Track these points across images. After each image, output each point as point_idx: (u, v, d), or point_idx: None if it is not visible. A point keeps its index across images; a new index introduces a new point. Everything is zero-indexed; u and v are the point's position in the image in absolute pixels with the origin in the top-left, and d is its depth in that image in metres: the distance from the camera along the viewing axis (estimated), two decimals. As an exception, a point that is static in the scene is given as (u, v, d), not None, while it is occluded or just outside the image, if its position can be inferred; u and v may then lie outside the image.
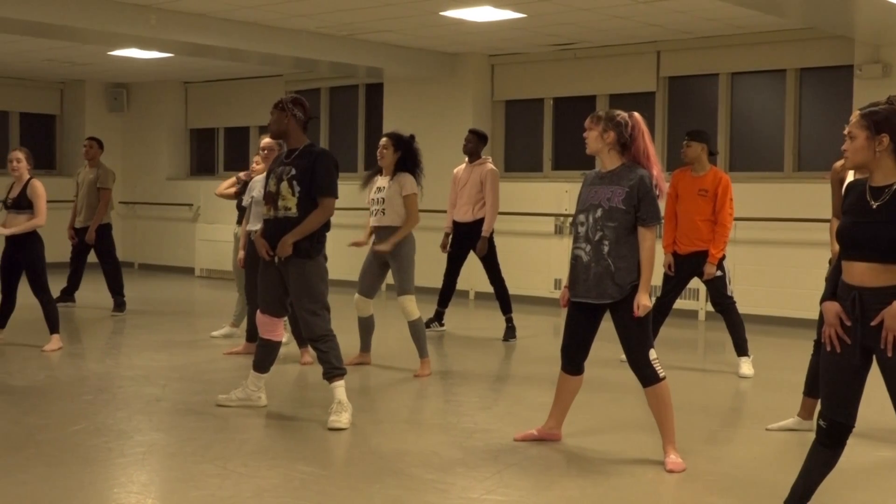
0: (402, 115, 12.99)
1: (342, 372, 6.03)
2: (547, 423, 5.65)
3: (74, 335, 9.55)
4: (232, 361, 7.98)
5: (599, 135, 5.24)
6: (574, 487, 4.85)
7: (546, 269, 12.24)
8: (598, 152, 5.28)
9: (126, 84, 16.66)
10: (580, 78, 12.39)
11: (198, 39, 10.75)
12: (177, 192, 16.29)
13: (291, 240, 5.90)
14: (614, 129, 5.21)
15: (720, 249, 7.61)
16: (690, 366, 8.33)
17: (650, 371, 5.18)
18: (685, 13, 10.01)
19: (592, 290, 5.19)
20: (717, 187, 7.62)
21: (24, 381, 7.17)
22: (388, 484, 4.82)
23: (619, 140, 5.22)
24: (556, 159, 12.84)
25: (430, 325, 9.46)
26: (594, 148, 5.27)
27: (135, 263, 16.35)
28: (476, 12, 10.09)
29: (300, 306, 6.00)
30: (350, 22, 10.68)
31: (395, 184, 7.59)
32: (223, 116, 16.16)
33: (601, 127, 5.23)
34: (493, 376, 8.13)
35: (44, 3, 9.44)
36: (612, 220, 5.14)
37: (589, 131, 5.27)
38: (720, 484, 4.99)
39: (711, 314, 9.90)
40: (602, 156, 5.28)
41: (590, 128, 5.27)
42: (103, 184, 10.89)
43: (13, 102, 16.28)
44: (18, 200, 8.40)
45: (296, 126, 6.11)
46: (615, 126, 5.22)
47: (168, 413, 6.27)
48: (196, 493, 4.64)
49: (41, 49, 12.94)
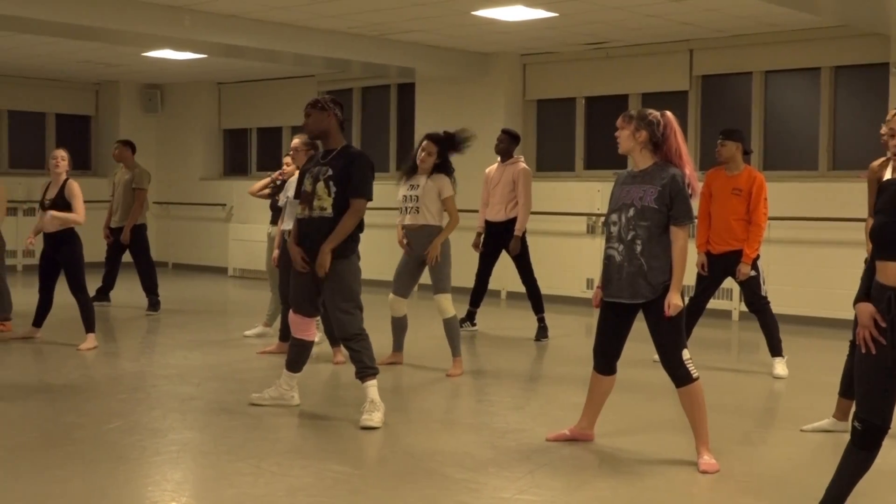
0: (434, 114, 13.00)
1: (375, 371, 6.04)
2: (579, 424, 5.64)
3: (109, 334, 9.63)
4: (265, 361, 8.02)
5: (631, 134, 5.22)
6: (606, 488, 4.84)
7: (578, 268, 12.21)
8: (630, 151, 5.26)
9: (160, 85, 16.79)
10: (612, 77, 12.34)
11: (231, 40, 10.82)
12: (210, 192, 16.39)
13: (329, 248, 5.90)
14: (646, 127, 5.19)
15: (754, 249, 7.56)
16: (724, 366, 8.28)
17: (683, 371, 5.15)
18: (718, 11, 9.95)
19: (625, 290, 5.18)
20: (751, 186, 7.57)
21: (61, 380, 7.25)
22: (421, 483, 4.83)
23: (652, 139, 5.20)
24: (588, 159, 12.80)
25: (462, 324, 9.44)
26: (626, 147, 5.25)
27: (169, 263, 16.47)
28: (508, 11, 10.08)
29: (334, 306, 6.01)
30: (382, 22, 10.71)
31: (431, 184, 7.59)
32: (256, 117, 16.25)
33: (633, 126, 5.21)
34: (526, 376, 8.12)
35: (79, 6, 9.52)
36: (645, 220, 5.12)
37: (621, 130, 5.25)
38: (754, 485, 4.95)
39: (745, 314, 9.84)
40: (634, 155, 5.26)
41: (622, 127, 5.25)
42: (138, 184, 10.98)
43: (50, 103, 16.45)
44: (56, 201, 8.50)
45: (335, 126, 6.13)
46: (647, 125, 5.19)
47: (202, 412, 6.31)
48: (229, 491, 4.67)
49: (77, 51, 13.08)
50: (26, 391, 6.84)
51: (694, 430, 5.21)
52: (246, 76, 15.75)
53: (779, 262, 10.54)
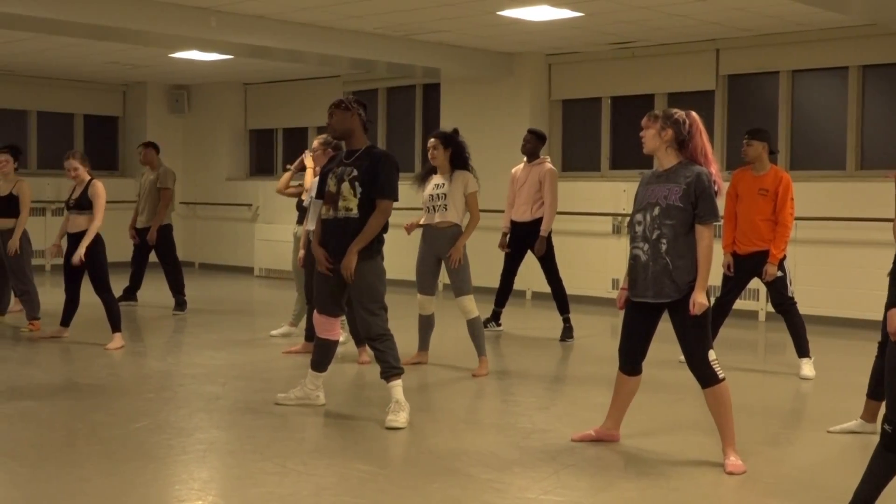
0: (460, 115, 12.99)
1: (400, 371, 6.05)
2: (605, 424, 5.63)
3: (136, 334, 9.69)
4: (290, 360, 8.05)
5: (657, 133, 5.20)
6: (632, 489, 4.83)
7: (603, 268, 12.18)
8: (655, 150, 5.24)
9: (187, 86, 16.88)
10: (638, 77, 12.30)
11: (257, 41, 10.86)
12: (236, 192, 16.46)
13: (356, 249, 5.91)
14: (672, 126, 5.18)
15: (781, 249, 7.52)
16: (751, 367, 8.23)
17: (709, 372, 5.13)
18: (745, 10, 9.90)
19: (650, 290, 5.16)
20: (777, 186, 7.53)
21: (89, 379, 7.30)
22: (446, 483, 4.83)
23: (677, 138, 5.19)
24: (614, 159, 12.77)
25: (488, 324, 9.46)
26: (652, 146, 5.23)
27: (195, 263, 16.55)
28: (533, 11, 10.06)
29: (359, 305, 6.02)
30: (407, 22, 10.72)
31: (457, 181, 7.61)
32: (282, 117, 16.31)
33: (659, 125, 5.20)
34: (551, 376, 8.11)
35: (107, 7, 9.59)
36: (670, 218, 5.10)
37: (646, 130, 5.23)
38: (781, 487, 4.92)
39: (772, 315, 9.78)
40: (659, 154, 5.24)
41: (647, 126, 5.23)
42: (163, 184, 11.04)
43: (77, 104, 16.58)
44: (80, 201, 8.58)
45: (360, 126, 6.14)
46: (673, 124, 5.18)
47: (228, 411, 6.34)
48: (255, 490, 4.68)
49: (104, 52, 13.17)
50: (54, 390, 6.89)
51: (720, 431, 5.19)
52: (272, 77, 15.81)
53: (806, 262, 10.48)
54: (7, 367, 7.63)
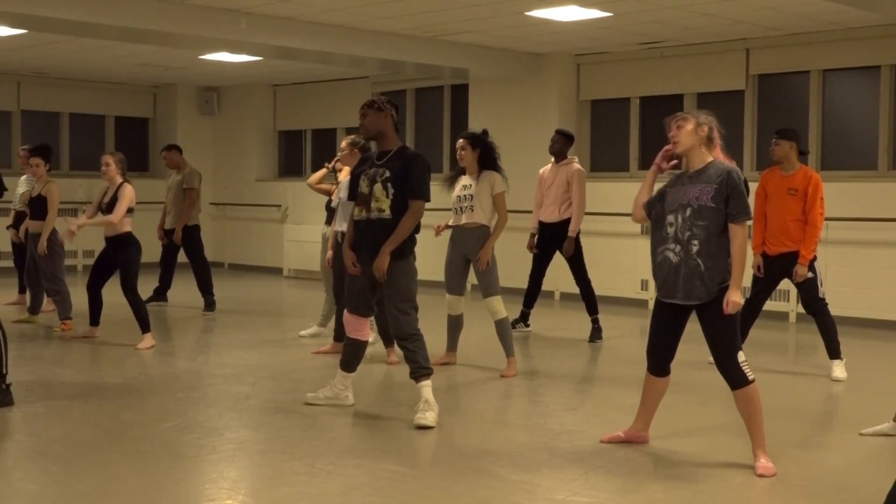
0: (488, 115, 12.99)
1: (429, 371, 6.06)
2: (634, 425, 5.61)
3: (166, 334, 9.76)
4: (320, 360, 8.08)
5: (693, 129, 5.15)
6: (661, 491, 4.81)
7: (632, 269, 12.14)
8: (689, 149, 5.18)
9: (217, 87, 16.98)
10: (667, 77, 12.25)
11: (286, 42, 10.91)
12: (265, 193, 16.53)
13: (388, 250, 5.93)
14: (706, 124, 5.16)
15: (811, 250, 7.46)
16: (781, 369, 8.18)
17: (738, 373, 5.10)
18: (775, 9, 9.84)
19: (680, 291, 5.14)
20: (807, 186, 7.47)
21: (119, 379, 7.36)
22: (474, 484, 4.83)
23: (709, 136, 5.16)
24: (643, 159, 12.72)
25: (516, 325, 9.45)
26: (687, 143, 5.17)
27: (224, 264, 16.63)
28: (562, 12, 10.04)
29: (391, 305, 6.04)
30: (435, 23, 10.73)
31: (483, 182, 7.62)
32: (311, 118, 16.36)
33: (694, 122, 5.16)
34: (579, 377, 8.09)
35: (138, 10, 9.66)
36: (702, 219, 5.08)
37: (680, 128, 5.17)
38: (812, 490, 4.89)
39: (803, 316, 9.71)
40: (692, 154, 5.20)
41: (681, 125, 5.17)
42: (189, 184, 11.11)
43: (109, 106, 16.71)
44: (111, 205, 8.65)
45: (392, 127, 6.15)
46: (707, 123, 5.16)
47: (257, 411, 6.37)
48: (285, 490, 4.70)
49: (135, 54, 13.26)
50: (86, 389, 6.95)
51: (750, 432, 5.16)
52: (301, 78, 15.87)
53: (837, 263, 10.40)
54: (40, 367, 7.70)
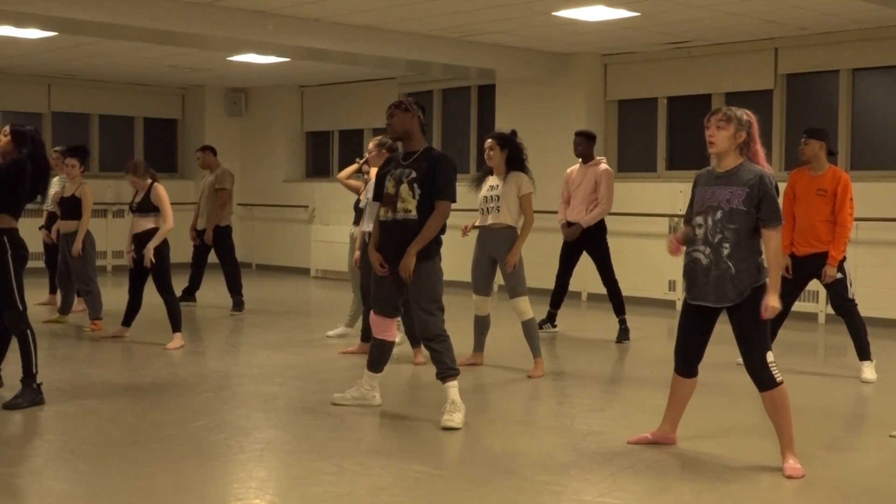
0: (515, 115, 12.98)
1: (456, 372, 6.06)
2: (661, 427, 5.59)
3: (195, 334, 9.81)
4: (347, 361, 8.10)
5: (732, 135, 5.08)
6: (689, 492, 4.79)
7: (660, 270, 12.09)
8: (726, 152, 5.12)
9: (244, 89, 17.06)
10: (695, 76, 12.21)
11: (313, 44, 10.95)
12: (293, 193, 16.60)
13: (414, 250, 5.93)
14: (745, 129, 5.09)
15: (840, 251, 7.41)
16: (810, 370, 8.13)
17: (767, 375, 5.07)
18: (804, 9, 9.78)
19: (711, 294, 5.11)
20: (836, 186, 7.42)
21: (149, 378, 7.41)
22: (501, 485, 4.83)
23: (746, 141, 5.11)
24: (670, 159, 12.68)
25: (543, 326, 9.43)
26: (724, 147, 5.10)
27: (252, 264, 16.71)
28: (589, 12, 10.03)
29: (417, 306, 6.04)
30: (462, 24, 10.74)
31: (510, 182, 7.62)
32: (338, 119, 16.41)
33: (734, 126, 5.08)
34: (607, 378, 8.07)
35: (167, 12, 9.73)
36: (733, 222, 5.04)
37: (720, 130, 5.09)
38: (841, 492, 4.86)
39: (832, 317, 9.65)
40: (725, 156, 5.14)
41: (721, 127, 5.09)
42: (221, 184, 11.17)
43: (138, 108, 16.84)
44: (142, 204, 8.74)
45: (418, 128, 6.16)
46: (746, 126, 5.09)
47: (285, 411, 6.40)
48: (312, 490, 4.72)
49: (164, 56, 13.35)
50: (115, 389, 7.00)
51: (778, 434, 5.14)
52: (328, 79, 15.92)
53: (866, 263, 10.32)
54: (70, 367, 7.77)
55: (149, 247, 8.54)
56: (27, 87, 15.62)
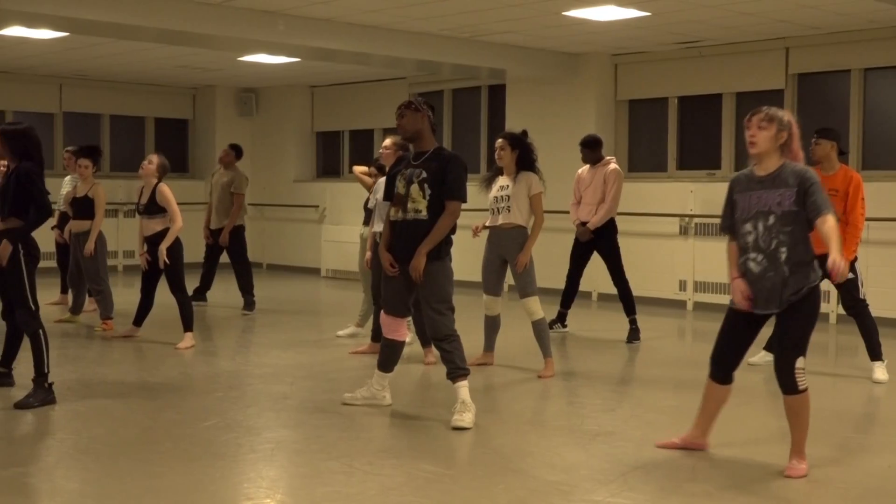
0: (525, 115, 12.98)
1: (466, 372, 6.06)
2: (691, 432, 5.46)
3: (206, 333, 9.83)
4: (357, 361, 8.11)
5: (774, 135, 5.00)
6: (700, 493, 4.78)
7: (670, 270, 12.08)
8: (766, 153, 5.02)
9: (255, 89, 17.08)
10: (706, 76, 12.18)
11: (324, 44, 10.96)
12: (303, 193, 16.61)
13: (425, 250, 5.94)
14: (787, 130, 5.01)
15: (852, 251, 7.39)
16: (822, 370, 8.10)
17: (791, 380, 4.99)
18: (815, 8, 9.75)
19: (762, 301, 5.00)
20: (847, 186, 7.40)
21: (160, 378, 7.42)
22: (511, 485, 4.83)
23: (787, 142, 5.03)
24: (681, 159, 12.66)
25: (553, 326, 9.43)
26: (765, 148, 5.00)
27: (263, 264, 16.73)
28: (599, 11, 10.02)
29: (427, 306, 6.05)
30: (472, 24, 10.74)
31: (521, 182, 7.62)
32: (348, 119, 16.42)
33: (776, 127, 5.00)
34: (617, 378, 8.06)
35: (178, 12, 9.75)
36: (788, 225, 4.93)
37: (761, 131, 4.99)
38: (852, 492, 4.85)
39: (843, 317, 9.61)
40: (766, 157, 5.04)
41: (763, 127, 5.00)
42: (237, 188, 11.21)
43: (149, 108, 16.88)
44: (149, 206, 8.76)
45: (428, 128, 6.15)
46: (787, 126, 5.01)
47: (295, 410, 6.41)
48: (322, 489, 4.73)
49: (175, 56, 13.38)
50: (127, 389, 7.02)
51: (791, 437, 5.09)
52: (338, 79, 15.94)
53: (878, 263, 10.29)
54: (81, 366, 7.79)
55: (161, 248, 8.56)
56: (39, 87, 15.67)
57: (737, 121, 11.95)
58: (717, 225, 11.25)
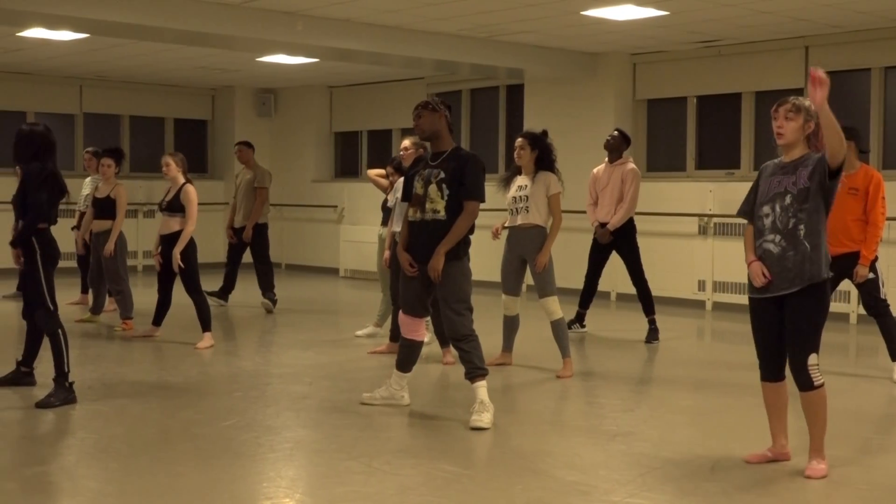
0: (543, 115, 12.96)
1: (484, 372, 6.07)
2: (777, 443, 5.29)
3: (225, 333, 9.85)
4: (376, 360, 8.12)
5: (801, 126, 5.01)
6: (719, 493, 4.77)
7: (689, 270, 12.04)
8: (794, 144, 5.03)
9: (273, 89, 17.13)
10: (725, 75, 12.14)
11: (342, 44, 10.98)
12: (322, 194, 16.65)
13: (443, 250, 5.95)
14: (814, 119, 4.99)
15: (872, 251, 7.35)
16: (842, 371, 8.06)
17: (805, 377, 4.97)
18: (835, 6, 9.70)
19: (785, 281, 4.95)
20: (868, 185, 7.36)
21: (179, 378, 7.45)
22: (530, 485, 4.83)
23: (815, 132, 5.02)
24: (700, 158, 12.62)
25: (572, 326, 9.42)
26: (792, 139, 5.01)
27: (282, 264, 16.76)
28: (618, 11, 10.00)
29: (445, 306, 6.05)
30: (491, 24, 10.73)
31: (539, 182, 7.61)
32: (366, 119, 16.45)
33: (803, 118, 5.01)
34: (636, 378, 8.05)
35: (197, 13, 9.79)
36: (805, 202, 4.92)
37: (788, 121, 5.01)
38: (873, 494, 4.82)
39: (863, 317, 9.57)
40: (793, 147, 5.04)
41: (790, 118, 5.01)
42: (260, 183, 11.29)
43: (168, 109, 16.95)
44: (172, 203, 8.80)
45: (446, 128, 6.16)
46: (814, 117, 4.99)
47: (314, 410, 6.43)
48: (341, 489, 4.74)
49: (194, 57, 13.43)
50: (146, 388, 7.05)
51: (810, 435, 5.07)
52: (356, 79, 15.96)
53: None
54: (101, 366, 7.83)
55: (175, 252, 8.58)
56: (59, 88, 15.76)
57: (756, 120, 11.91)
58: (736, 225, 11.31)
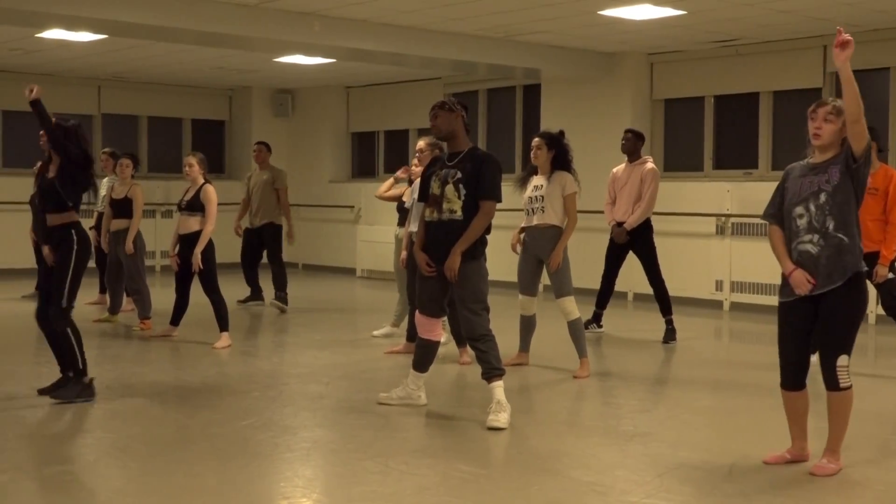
0: (560, 115, 12.95)
1: (501, 372, 6.06)
2: (795, 445, 5.25)
3: (242, 333, 9.87)
4: (392, 360, 8.13)
5: (839, 129, 4.97)
6: (736, 494, 4.75)
7: (707, 270, 12.01)
8: (830, 146, 4.98)
9: (291, 90, 17.17)
10: (742, 75, 12.09)
11: (359, 45, 11.00)
12: (339, 194, 16.67)
13: (459, 250, 5.94)
14: None
15: (892, 250, 7.32)
16: (861, 371, 8.00)
17: (832, 376, 4.95)
18: (853, 5, 9.66)
19: (823, 278, 4.90)
20: (888, 185, 7.33)
21: (197, 377, 7.48)
22: (547, 485, 4.82)
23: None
24: (718, 158, 12.59)
25: (588, 326, 9.39)
26: (829, 141, 4.97)
27: (299, 264, 16.81)
28: (635, 10, 9.98)
29: (462, 306, 6.05)
30: (508, 23, 10.73)
31: (555, 182, 7.60)
32: (383, 120, 16.46)
33: (841, 121, 4.96)
34: (653, 379, 8.02)
35: (215, 14, 9.83)
36: (838, 197, 4.88)
37: (827, 123, 4.97)
38: (891, 495, 4.80)
39: (883, 318, 9.52)
40: (827, 149, 5.00)
41: (830, 120, 4.97)
42: (281, 184, 11.38)
43: (186, 109, 17.02)
44: (192, 203, 8.83)
45: (462, 128, 6.16)
46: None
47: (331, 410, 6.44)
48: (359, 489, 4.74)
49: (212, 58, 13.48)
50: (164, 388, 7.08)
51: (829, 435, 5.04)
52: (373, 80, 15.98)
53: (919, 263, 10.16)
54: (119, 366, 7.86)
55: (196, 253, 8.62)
56: (78, 89, 15.84)
57: (774, 119, 11.87)
58: (754, 225, 11.28)
